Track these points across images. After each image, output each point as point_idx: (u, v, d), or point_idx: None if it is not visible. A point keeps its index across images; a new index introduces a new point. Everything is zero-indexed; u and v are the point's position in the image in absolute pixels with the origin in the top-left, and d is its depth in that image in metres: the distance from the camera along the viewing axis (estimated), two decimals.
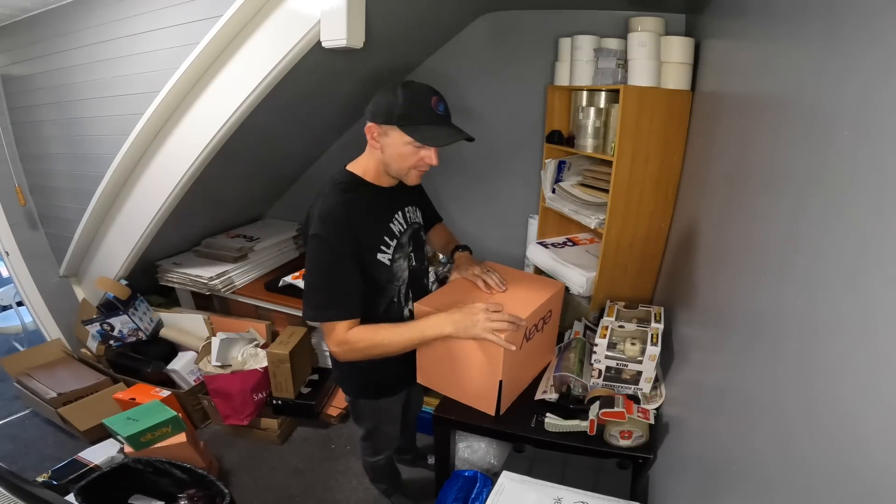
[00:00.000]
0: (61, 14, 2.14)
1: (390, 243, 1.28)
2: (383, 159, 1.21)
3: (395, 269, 1.30)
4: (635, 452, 1.32)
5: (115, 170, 2.18)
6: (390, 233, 1.28)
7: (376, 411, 1.53)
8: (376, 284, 1.27)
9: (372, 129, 1.19)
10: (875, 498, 0.45)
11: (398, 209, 1.33)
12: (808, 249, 0.66)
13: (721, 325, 1.05)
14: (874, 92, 0.54)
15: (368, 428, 1.58)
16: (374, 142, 1.20)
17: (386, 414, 1.55)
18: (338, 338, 1.18)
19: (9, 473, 1.17)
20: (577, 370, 1.52)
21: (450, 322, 1.21)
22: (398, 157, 1.19)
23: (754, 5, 1.10)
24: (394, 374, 1.45)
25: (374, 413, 1.54)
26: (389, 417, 1.57)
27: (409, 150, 1.17)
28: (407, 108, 1.13)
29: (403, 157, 1.19)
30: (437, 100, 1.17)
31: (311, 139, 2.70)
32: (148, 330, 2.50)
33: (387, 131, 1.17)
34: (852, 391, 0.51)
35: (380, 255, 1.25)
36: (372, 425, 1.57)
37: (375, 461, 1.69)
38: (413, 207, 1.40)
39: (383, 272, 1.27)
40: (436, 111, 1.16)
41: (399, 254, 1.31)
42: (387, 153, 1.20)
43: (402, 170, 1.22)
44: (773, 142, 0.87)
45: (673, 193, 1.76)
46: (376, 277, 1.26)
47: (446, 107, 1.20)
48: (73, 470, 1.94)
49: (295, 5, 1.65)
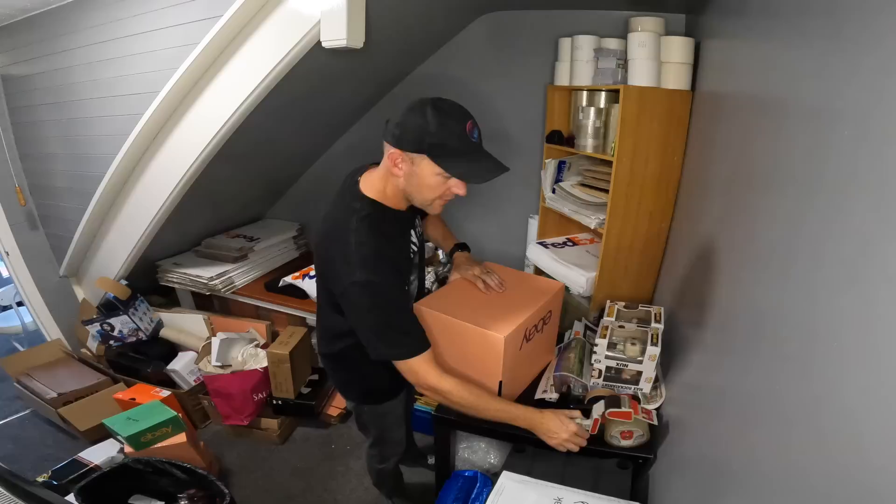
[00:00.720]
0: (61, 14, 2.14)
1: (412, 271, 1.27)
2: (404, 188, 1.10)
3: (412, 292, 1.30)
4: (635, 452, 1.32)
5: (115, 170, 2.18)
6: (409, 262, 1.26)
7: (381, 417, 1.52)
8: None
9: (396, 157, 1.04)
10: (875, 499, 0.45)
11: (411, 229, 1.28)
12: (809, 249, 0.66)
13: (721, 325, 1.05)
14: (875, 92, 0.54)
15: (377, 435, 1.58)
16: (397, 169, 1.06)
17: (391, 418, 1.54)
18: (429, 381, 1.14)
19: (9, 473, 1.17)
20: (577, 370, 1.52)
21: (541, 425, 1.22)
22: (424, 187, 1.07)
23: (754, 5, 1.10)
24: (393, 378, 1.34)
25: (379, 419, 1.53)
26: (395, 421, 1.55)
27: (437, 181, 1.05)
28: (440, 135, 1.00)
29: (431, 188, 1.07)
30: (472, 125, 1.04)
31: (311, 139, 2.70)
32: (148, 330, 2.50)
33: (414, 160, 1.03)
34: (852, 391, 0.51)
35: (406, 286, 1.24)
36: (378, 432, 1.56)
37: (383, 468, 1.68)
38: (418, 219, 1.35)
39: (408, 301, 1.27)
40: (471, 138, 1.03)
41: (413, 275, 1.29)
42: (410, 182, 1.07)
43: (427, 200, 1.11)
44: (773, 142, 0.87)
45: (673, 193, 1.76)
46: None
47: (480, 132, 1.07)
48: (73, 470, 1.93)
49: (295, 5, 1.65)
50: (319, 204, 1.41)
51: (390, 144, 1.05)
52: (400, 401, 1.52)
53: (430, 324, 1.41)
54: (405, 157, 1.04)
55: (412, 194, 1.11)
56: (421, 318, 1.42)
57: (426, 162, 1.03)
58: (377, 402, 1.47)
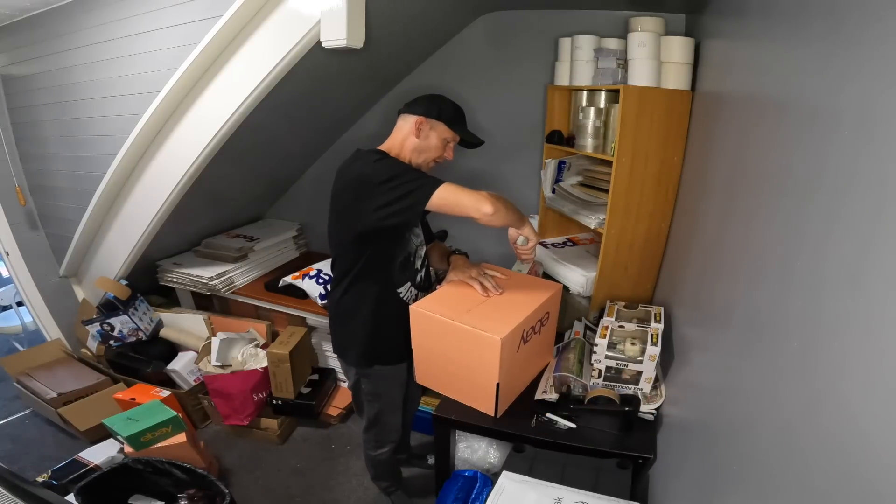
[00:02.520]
0: (61, 14, 2.14)
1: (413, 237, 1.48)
2: (416, 146, 1.41)
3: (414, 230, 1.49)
4: (635, 452, 1.32)
5: (115, 170, 2.18)
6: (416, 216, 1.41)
7: (377, 395, 1.56)
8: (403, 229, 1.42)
9: (421, 121, 1.39)
10: (876, 498, 0.45)
11: None
12: (809, 249, 0.66)
13: (721, 325, 1.05)
14: (875, 93, 0.54)
15: (372, 416, 1.61)
16: (418, 131, 1.40)
17: (387, 398, 1.58)
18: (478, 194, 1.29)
19: (9, 473, 1.17)
20: (576, 370, 1.52)
21: None
22: (432, 147, 1.42)
23: (754, 5, 1.10)
24: (393, 344, 1.52)
25: (377, 397, 1.57)
26: (390, 402, 1.60)
27: (441, 144, 1.43)
28: (454, 113, 1.44)
29: (436, 148, 1.43)
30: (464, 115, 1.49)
31: (311, 139, 2.70)
32: (148, 330, 2.50)
33: (434, 126, 1.41)
34: (853, 391, 0.51)
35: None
36: (375, 411, 1.60)
37: (378, 454, 1.70)
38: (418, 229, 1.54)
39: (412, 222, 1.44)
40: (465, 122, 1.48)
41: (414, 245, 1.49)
42: (424, 142, 1.41)
43: (429, 158, 1.44)
44: (773, 142, 0.87)
45: (673, 193, 1.76)
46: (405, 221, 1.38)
47: None
48: (73, 470, 1.94)
49: (295, 5, 1.65)
50: (319, 204, 1.42)
51: (416, 114, 1.40)
52: (397, 377, 1.56)
53: (426, 326, 1.42)
54: (428, 122, 1.40)
55: (419, 152, 1.43)
56: (417, 320, 1.43)
57: (442, 127, 1.42)
58: (371, 363, 1.51)
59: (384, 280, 1.44)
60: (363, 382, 1.55)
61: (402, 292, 1.48)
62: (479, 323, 1.31)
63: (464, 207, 1.26)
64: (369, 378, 1.54)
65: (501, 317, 1.34)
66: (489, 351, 1.28)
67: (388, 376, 1.55)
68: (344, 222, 1.37)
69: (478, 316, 1.35)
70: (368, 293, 1.44)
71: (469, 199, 1.26)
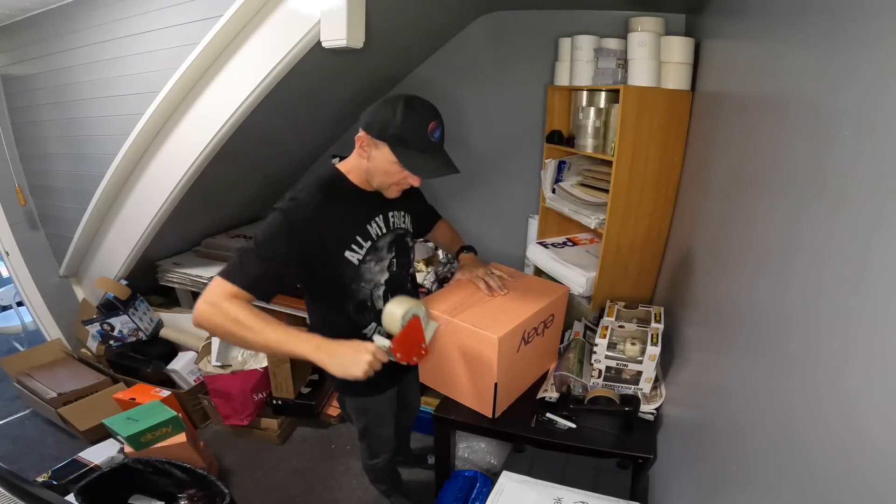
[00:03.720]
0: (61, 14, 2.14)
1: (363, 244, 1.24)
2: (367, 168, 1.20)
3: (364, 271, 1.26)
4: (635, 452, 1.32)
5: (115, 170, 2.18)
6: (365, 234, 1.24)
7: (363, 412, 1.51)
8: (339, 281, 1.24)
9: (362, 139, 1.17)
10: (877, 498, 0.45)
11: (380, 213, 1.29)
12: (810, 249, 0.66)
13: (721, 325, 1.05)
14: (875, 93, 0.54)
15: (361, 428, 1.57)
16: (363, 151, 1.18)
17: (374, 414, 1.51)
18: (213, 296, 1.08)
19: (9, 473, 1.17)
20: (576, 370, 1.52)
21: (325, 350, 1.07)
22: (382, 172, 1.18)
23: (754, 5, 1.10)
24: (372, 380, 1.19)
25: (362, 413, 1.51)
26: (378, 418, 1.53)
27: (394, 168, 1.16)
28: (402, 129, 1.11)
29: (388, 173, 1.18)
30: (435, 126, 1.14)
31: (310, 139, 2.70)
32: (148, 330, 2.50)
33: (377, 145, 1.15)
34: (854, 391, 0.51)
35: (347, 253, 1.22)
36: (363, 425, 1.55)
37: (374, 463, 1.68)
38: (401, 213, 1.35)
39: (348, 270, 1.23)
40: (430, 138, 1.14)
41: (371, 256, 1.26)
42: (372, 165, 1.19)
43: (384, 184, 1.22)
44: (773, 142, 0.87)
45: (673, 193, 1.76)
46: (340, 273, 1.23)
47: (442, 133, 1.18)
48: (73, 470, 1.94)
49: (295, 5, 1.65)
50: None
51: (361, 128, 1.17)
52: (385, 400, 1.48)
53: None
54: (370, 141, 1.16)
55: (373, 177, 1.22)
56: None
57: (386, 150, 1.14)
58: (355, 395, 1.45)
59: (344, 324, 1.30)
60: (347, 399, 1.50)
61: (368, 332, 1.32)
62: (479, 321, 1.31)
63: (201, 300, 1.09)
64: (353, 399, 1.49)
65: (502, 316, 1.34)
66: (487, 349, 1.28)
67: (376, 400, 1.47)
68: None
69: (479, 314, 1.35)
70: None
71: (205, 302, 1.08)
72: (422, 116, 1.12)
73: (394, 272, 1.34)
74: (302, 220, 1.14)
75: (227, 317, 1.07)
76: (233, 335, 1.08)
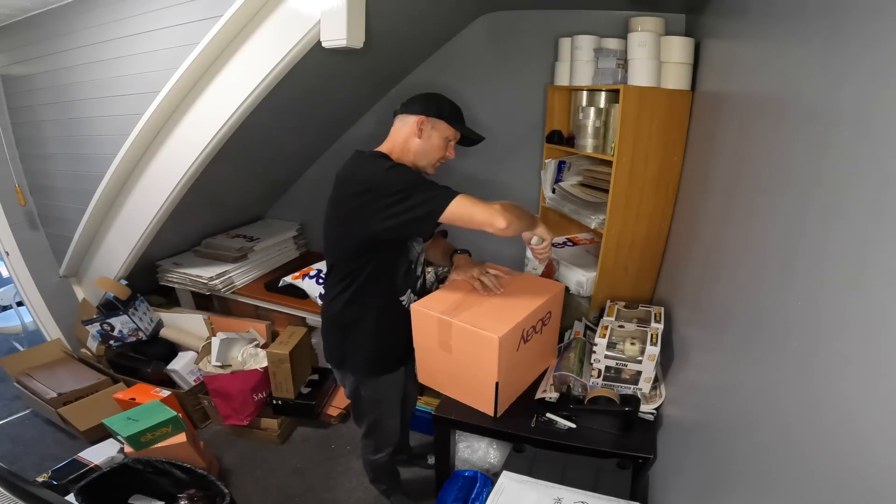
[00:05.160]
0: (61, 14, 2.14)
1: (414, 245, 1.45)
2: (419, 148, 1.36)
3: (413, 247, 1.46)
4: (635, 452, 1.32)
5: (115, 170, 2.18)
6: None
7: (377, 401, 1.54)
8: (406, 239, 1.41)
9: (422, 120, 1.34)
10: (875, 498, 0.45)
11: None
12: (809, 249, 0.66)
13: (721, 325, 1.05)
14: (874, 92, 0.54)
15: (370, 422, 1.59)
16: (420, 131, 1.35)
17: (386, 404, 1.56)
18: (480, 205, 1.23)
19: (9, 473, 1.17)
20: (576, 370, 1.52)
21: None
22: (434, 147, 1.37)
23: (754, 5, 1.10)
24: (396, 351, 1.52)
25: (376, 403, 1.55)
26: (390, 408, 1.57)
27: (443, 143, 1.38)
28: (453, 111, 1.40)
29: (438, 148, 1.38)
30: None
31: (311, 139, 2.70)
32: (148, 330, 2.50)
33: (435, 125, 1.35)
34: (853, 391, 0.51)
35: None
36: (373, 418, 1.58)
37: (376, 459, 1.69)
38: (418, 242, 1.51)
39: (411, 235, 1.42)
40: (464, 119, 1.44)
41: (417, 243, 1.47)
42: (426, 143, 1.36)
43: (432, 159, 1.39)
44: (773, 142, 0.87)
45: (673, 193, 1.76)
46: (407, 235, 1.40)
47: None
48: (73, 470, 1.94)
49: (295, 5, 1.65)
50: (319, 204, 1.41)
51: (415, 114, 1.35)
52: (397, 382, 1.54)
53: (426, 325, 1.42)
54: (429, 121, 1.35)
55: (423, 154, 1.37)
56: (418, 319, 1.43)
57: (443, 125, 1.37)
58: (376, 373, 1.49)
59: (387, 289, 1.42)
60: (363, 389, 1.53)
61: (404, 300, 1.46)
62: (479, 321, 1.31)
63: (477, 222, 1.22)
64: (370, 385, 1.52)
65: (501, 316, 1.34)
66: (488, 349, 1.28)
67: (390, 382, 1.53)
68: (348, 229, 1.31)
69: (478, 315, 1.35)
70: (372, 303, 1.40)
71: (482, 213, 1.22)
72: (457, 106, 1.42)
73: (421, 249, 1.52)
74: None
75: (505, 206, 1.26)
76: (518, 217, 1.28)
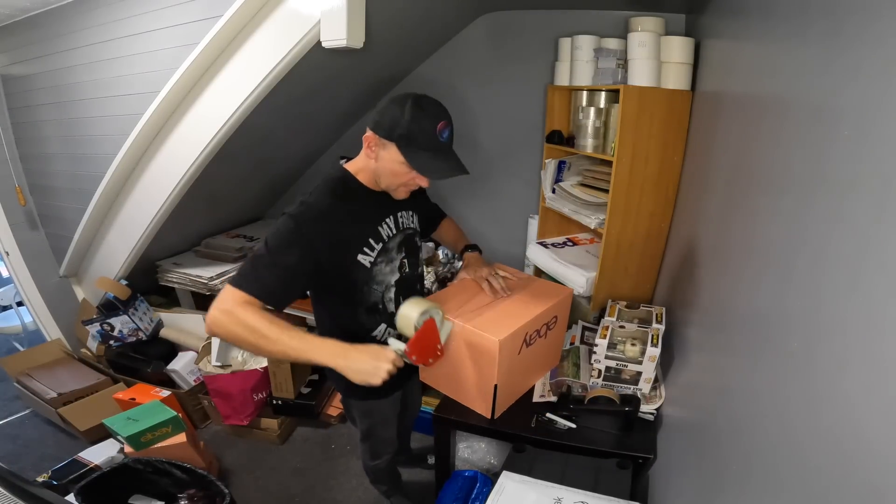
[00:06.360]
0: (61, 14, 2.14)
1: (375, 246, 1.23)
2: (375, 169, 1.18)
3: (375, 273, 1.25)
4: (635, 452, 1.32)
5: (115, 170, 2.18)
6: (376, 236, 1.24)
7: (368, 413, 1.50)
8: (353, 285, 1.24)
9: (370, 139, 1.14)
10: (876, 498, 0.45)
11: (390, 213, 1.28)
12: (810, 250, 0.66)
13: (722, 326, 1.05)
14: (875, 93, 0.54)
15: (364, 430, 1.56)
16: (370, 151, 1.16)
17: (379, 416, 1.51)
18: (226, 304, 1.05)
19: (9, 473, 1.17)
20: (572, 373, 1.52)
21: (344, 357, 1.07)
22: (390, 172, 1.16)
23: (754, 5, 1.10)
24: None
25: (366, 414, 1.51)
26: (383, 420, 1.52)
27: (402, 168, 1.13)
28: (411, 129, 1.08)
29: (396, 174, 1.16)
30: (444, 125, 1.11)
31: (311, 139, 2.70)
32: (148, 330, 2.50)
33: (385, 145, 1.12)
34: (854, 392, 0.51)
35: (360, 256, 1.21)
36: (367, 427, 1.55)
37: (375, 465, 1.68)
38: (409, 212, 1.35)
39: (361, 273, 1.22)
40: (439, 138, 1.11)
41: (383, 258, 1.26)
42: (380, 165, 1.16)
43: (392, 185, 1.20)
44: (773, 142, 0.87)
45: (673, 193, 1.76)
46: (353, 278, 1.23)
47: (451, 134, 1.15)
48: (73, 470, 1.94)
49: (295, 5, 1.65)
50: None
51: (369, 128, 1.14)
52: (390, 403, 1.47)
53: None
54: (378, 141, 1.13)
55: (380, 177, 1.19)
56: None
57: (394, 150, 1.11)
58: (361, 398, 1.44)
59: (354, 327, 1.29)
60: (353, 402, 1.50)
61: (378, 334, 1.33)
62: (481, 323, 1.31)
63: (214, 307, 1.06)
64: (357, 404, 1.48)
65: (504, 318, 1.33)
66: (488, 351, 1.28)
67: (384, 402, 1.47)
68: None
69: (481, 316, 1.34)
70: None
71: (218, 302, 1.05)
72: (431, 116, 1.09)
73: (404, 273, 1.34)
74: (314, 225, 1.11)
75: (243, 325, 1.04)
76: (248, 343, 1.06)
